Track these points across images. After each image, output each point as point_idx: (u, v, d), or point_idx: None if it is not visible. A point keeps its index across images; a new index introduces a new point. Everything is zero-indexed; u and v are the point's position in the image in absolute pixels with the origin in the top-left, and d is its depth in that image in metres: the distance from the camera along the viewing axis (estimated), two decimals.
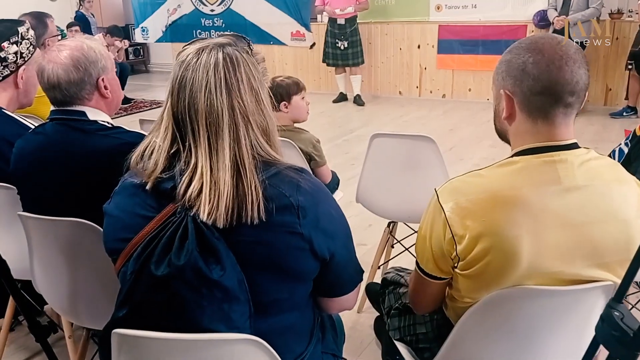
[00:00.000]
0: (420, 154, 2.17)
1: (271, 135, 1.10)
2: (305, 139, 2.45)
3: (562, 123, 1.14)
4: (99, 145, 1.47)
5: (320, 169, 2.51)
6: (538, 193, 1.10)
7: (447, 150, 4.96)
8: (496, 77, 1.21)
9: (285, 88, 2.38)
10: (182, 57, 1.07)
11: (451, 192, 1.16)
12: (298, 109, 2.45)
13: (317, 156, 2.46)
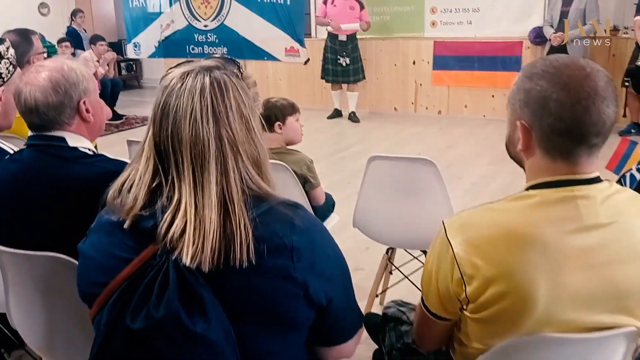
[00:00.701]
0: (420, 177, 2.08)
1: (263, 166, 1.00)
2: (299, 160, 2.37)
3: (585, 161, 1.05)
4: (79, 174, 1.37)
5: (314, 191, 2.42)
6: (557, 231, 1.00)
7: (445, 168, 4.83)
8: (512, 103, 1.10)
9: (280, 109, 2.32)
10: (166, 82, 0.97)
11: (461, 226, 1.06)
12: (292, 130, 2.39)
13: (311, 178, 2.37)
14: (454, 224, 1.07)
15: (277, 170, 2.13)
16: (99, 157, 1.43)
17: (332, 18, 6.60)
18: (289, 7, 7.54)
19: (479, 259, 1.01)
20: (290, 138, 2.40)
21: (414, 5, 6.95)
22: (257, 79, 7.70)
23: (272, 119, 2.29)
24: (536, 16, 6.32)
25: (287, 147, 2.44)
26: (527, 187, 1.09)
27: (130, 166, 0.99)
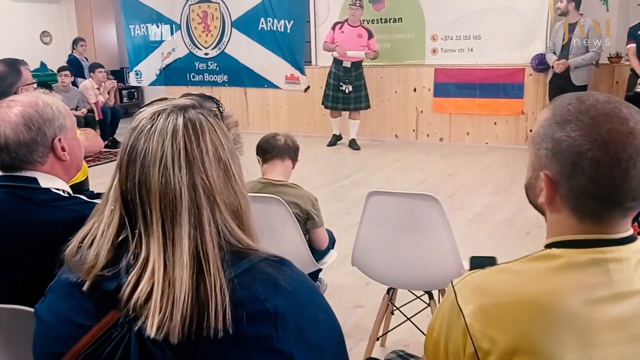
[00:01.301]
0: (422, 214, 1.96)
1: (244, 216, 0.89)
2: (304, 196, 2.32)
3: (618, 222, 0.91)
4: (50, 219, 1.26)
5: (317, 231, 2.35)
6: (585, 300, 0.86)
7: (447, 198, 4.76)
8: (536, 147, 0.94)
9: (297, 150, 2.45)
10: (134, 123, 0.87)
11: (474, 290, 0.92)
12: (292, 170, 2.49)
13: (315, 216, 2.31)
14: (465, 288, 0.94)
15: (272, 204, 2.02)
16: (74, 199, 1.32)
17: (339, 44, 6.54)
18: (289, 35, 7.55)
19: (496, 331, 0.87)
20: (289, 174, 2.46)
21: (415, 32, 6.92)
22: (257, 107, 7.74)
23: (296, 155, 2.42)
24: (538, 43, 6.27)
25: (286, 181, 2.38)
26: (549, 244, 0.95)
27: (92, 218, 0.88)
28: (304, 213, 2.28)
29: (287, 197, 2.24)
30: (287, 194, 2.25)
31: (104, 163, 6.48)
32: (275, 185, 2.29)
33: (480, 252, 3.52)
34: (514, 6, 6.32)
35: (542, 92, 6.36)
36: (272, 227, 2.10)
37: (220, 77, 8.33)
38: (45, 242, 1.23)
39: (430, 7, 6.74)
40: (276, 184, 2.30)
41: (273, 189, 2.27)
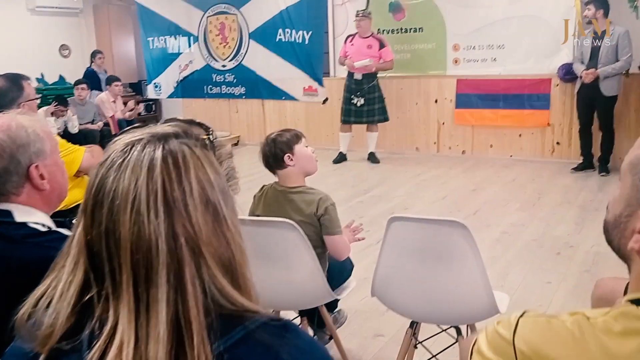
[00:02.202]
0: (450, 242, 1.77)
1: (238, 270, 0.72)
2: (313, 201, 2.13)
3: None
4: (26, 258, 1.10)
5: (331, 239, 2.14)
6: None
7: (471, 215, 4.54)
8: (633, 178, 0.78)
9: (284, 142, 2.15)
10: (103, 157, 0.71)
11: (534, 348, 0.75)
12: (305, 158, 2.19)
13: (327, 221, 2.11)
14: (523, 340, 0.76)
15: (283, 229, 1.86)
16: (54, 235, 1.16)
17: (350, 56, 6.41)
18: (307, 47, 7.42)
19: None
20: (306, 167, 2.20)
21: (436, 42, 6.74)
22: (275, 119, 7.54)
23: (279, 154, 2.13)
24: (565, 52, 6.04)
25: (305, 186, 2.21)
26: (633, 299, 0.76)
27: (50, 274, 0.72)
28: (310, 218, 2.11)
29: (296, 205, 2.12)
30: (297, 202, 2.13)
31: None
32: (289, 193, 2.17)
33: (508, 275, 3.31)
34: (539, 14, 6.10)
35: (570, 103, 6.11)
36: (284, 254, 1.94)
37: (238, 89, 8.23)
38: (21, 284, 1.08)
39: (452, 16, 6.56)
40: (290, 191, 2.16)
41: (286, 197, 2.15)
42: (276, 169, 2.20)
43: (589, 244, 3.80)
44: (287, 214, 2.14)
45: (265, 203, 2.23)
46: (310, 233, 2.12)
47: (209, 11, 8.13)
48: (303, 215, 2.13)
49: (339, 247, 2.16)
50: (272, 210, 2.18)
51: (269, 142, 2.17)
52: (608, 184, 5.33)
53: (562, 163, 6.14)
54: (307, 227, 2.12)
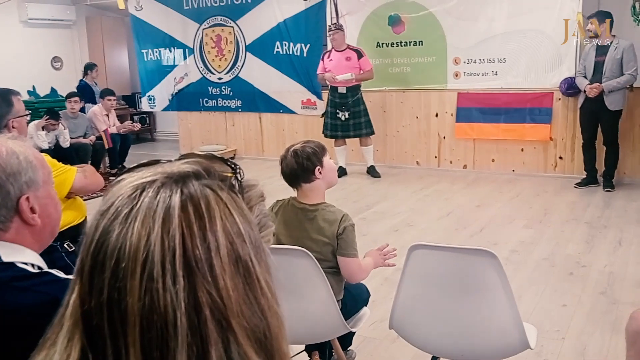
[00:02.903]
0: (477, 273, 1.64)
1: (274, 346, 0.57)
2: (335, 220, 2.02)
3: None
4: (13, 304, 0.95)
5: (344, 260, 2.02)
6: None
7: (477, 233, 4.41)
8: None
9: (314, 154, 2.04)
10: (104, 205, 0.56)
11: None
12: (331, 170, 2.13)
13: (342, 241, 2.00)
14: None
15: (297, 257, 1.71)
16: (44, 277, 1.01)
17: (330, 70, 6.29)
18: (305, 59, 7.32)
19: None
20: (331, 180, 2.13)
21: (436, 56, 6.65)
22: (273, 133, 7.42)
23: (310, 167, 2.02)
24: (567, 66, 5.96)
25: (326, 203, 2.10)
26: None
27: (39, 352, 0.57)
28: (331, 239, 2.00)
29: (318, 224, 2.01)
30: (318, 220, 2.02)
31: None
32: (310, 211, 2.05)
33: (522, 298, 3.17)
34: (540, 28, 6.03)
35: (572, 117, 6.03)
36: (297, 283, 1.79)
37: (234, 102, 8.11)
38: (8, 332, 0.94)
39: (452, 30, 6.48)
40: (310, 209, 2.05)
41: (307, 216, 2.05)
42: (302, 183, 2.07)
43: (602, 264, 3.67)
44: (307, 234, 2.02)
45: (283, 220, 2.09)
46: (325, 254, 2.00)
47: (205, 23, 8.02)
48: (325, 236, 2.02)
49: (352, 270, 2.04)
50: (291, 229, 2.06)
51: (299, 154, 2.04)
52: (614, 199, 5.23)
53: (566, 178, 6.04)
54: (327, 247, 2.01)
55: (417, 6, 6.58)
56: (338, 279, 2.02)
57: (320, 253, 1.97)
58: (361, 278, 2.07)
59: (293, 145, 2.12)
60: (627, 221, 4.56)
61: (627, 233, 4.26)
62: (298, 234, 2.03)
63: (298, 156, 2.04)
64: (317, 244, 2.00)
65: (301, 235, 2.02)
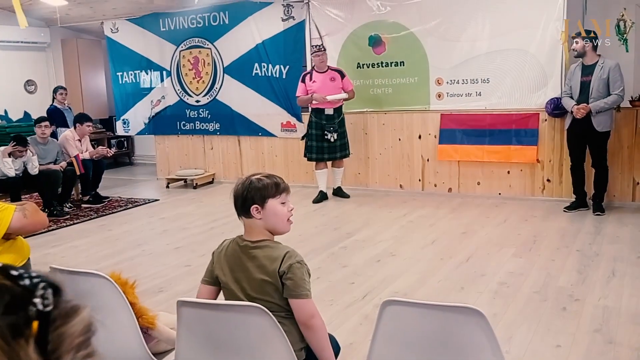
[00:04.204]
0: (461, 333, 1.39)
1: None
2: (277, 257, 1.77)
3: None
4: None
5: (295, 302, 1.76)
6: None
7: (464, 262, 4.18)
8: None
9: (258, 189, 1.82)
10: None
11: None
12: (274, 215, 1.84)
13: (289, 280, 1.74)
14: None
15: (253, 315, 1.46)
16: None
17: (316, 91, 6.11)
18: (284, 81, 7.13)
19: None
20: (272, 225, 1.85)
21: (418, 76, 6.48)
22: (252, 156, 7.21)
23: (247, 202, 1.81)
24: (552, 86, 5.81)
25: (271, 240, 1.86)
26: None
27: None
28: (273, 276, 1.75)
29: (259, 262, 1.79)
30: (259, 258, 1.79)
31: (83, 221, 5.93)
32: (251, 249, 1.82)
33: (513, 338, 2.93)
34: (524, 48, 5.89)
35: (559, 138, 5.86)
36: (252, 345, 1.53)
37: (212, 125, 7.87)
38: None
39: (434, 50, 6.32)
40: (253, 246, 1.83)
41: (248, 253, 1.82)
42: (241, 215, 1.87)
43: (596, 297, 3.45)
44: (248, 272, 1.80)
45: (227, 261, 1.87)
46: (274, 296, 1.75)
47: (182, 45, 7.81)
48: (266, 274, 1.78)
49: (306, 312, 1.76)
50: (233, 269, 1.84)
51: (244, 183, 1.85)
52: (604, 224, 5.03)
53: (554, 201, 5.86)
54: (269, 287, 1.77)
55: (398, 26, 6.44)
56: (293, 323, 1.76)
57: (264, 294, 1.74)
58: (317, 324, 1.78)
59: (257, 173, 1.90)
60: (620, 248, 4.36)
61: (620, 262, 4.05)
62: (240, 273, 1.81)
63: (244, 186, 1.85)
64: (259, 285, 1.76)
65: (243, 276, 1.80)
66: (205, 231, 5.36)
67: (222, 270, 1.87)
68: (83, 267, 4.30)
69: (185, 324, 1.61)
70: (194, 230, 5.40)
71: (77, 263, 4.50)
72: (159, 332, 1.87)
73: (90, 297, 1.84)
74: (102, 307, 1.82)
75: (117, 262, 4.50)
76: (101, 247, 4.97)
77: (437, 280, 3.84)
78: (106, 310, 1.82)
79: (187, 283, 3.93)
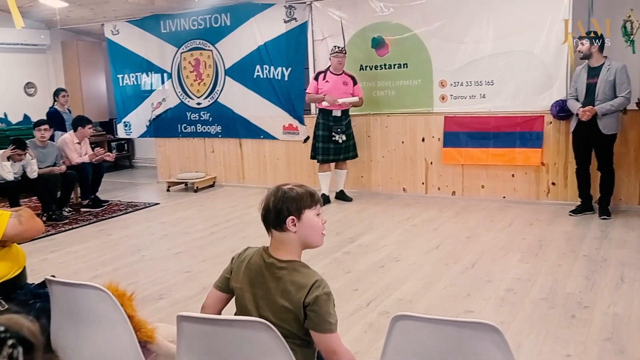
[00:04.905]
0: (476, 351, 1.32)
1: None
2: (304, 285, 1.65)
3: None
4: None
5: (319, 337, 1.64)
6: None
7: (469, 268, 4.11)
8: None
9: (293, 199, 1.71)
10: None
11: None
12: (310, 228, 1.74)
13: (313, 314, 1.63)
14: None
15: (260, 331, 1.39)
16: None
17: (327, 93, 6.08)
18: (287, 83, 7.06)
19: None
20: (308, 239, 1.75)
21: (422, 78, 6.41)
22: (253, 159, 7.21)
23: (283, 213, 1.70)
24: (557, 88, 5.74)
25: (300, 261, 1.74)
26: None
27: None
28: (296, 307, 1.64)
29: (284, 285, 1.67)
30: (285, 281, 1.67)
31: (82, 226, 5.86)
32: (278, 269, 1.70)
33: (521, 347, 2.86)
34: (529, 49, 5.82)
35: (564, 141, 5.79)
36: None
37: (214, 127, 7.81)
38: None
39: (438, 52, 6.26)
40: (278, 266, 1.71)
41: (273, 273, 1.70)
42: (273, 229, 1.74)
43: (605, 304, 3.37)
44: (269, 293, 1.68)
45: (246, 273, 1.76)
46: (292, 325, 1.65)
47: (183, 47, 7.75)
48: (290, 302, 1.65)
49: (330, 348, 1.64)
50: (252, 284, 1.73)
51: (277, 194, 1.73)
52: (611, 228, 4.96)
53: (559, 205, 5.78)
54: (288, 315, 1.66)
55: (402, 28, 6.37)
56: (306, 353, 1.68)
57: (282, 320, 1.64)
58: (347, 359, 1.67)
59: (286, 184, 1.79)
60: (628, 253, 4.28)
61: (628, 267, 3.97)
62: (259, 291, 1.71)
63: (276, 196, 1.73)
64: (279, 310, 1.66)
65: (262, 295, 1.70)
66: (206, 236, 5.29)
67: (240, 281, 1.76)
68: (81, 273, 4.26)
69: (185, 340, 1.54)
70: (194, 235, 5.33)
71: (76, 269, 4.43)
72: (158, 346, 1.80)
73: (87, 310, 1.77)
74: (99, 320, 1.75)
75: (116, 267, 4.43)
76: (100, 252, 4.90)
77: (442, 286, 3.76)
78: (103, 324, 1.74)
79: (187, 290, 3.86)
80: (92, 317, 1.76)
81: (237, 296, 1.78)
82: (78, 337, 1.82)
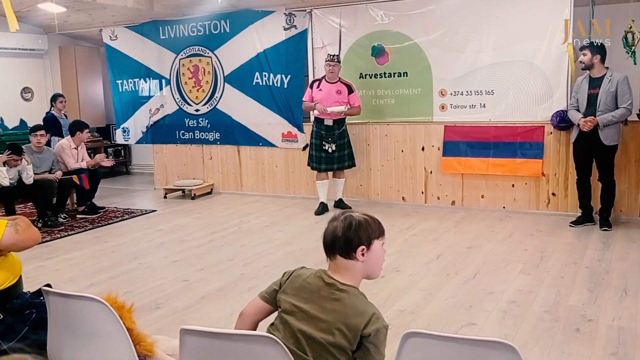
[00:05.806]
0: None
1: None
2: (364, 312, 1.63)
3: None
4: None
5: None
6: None
7: (471, 279, 4.06)
8: None
9: (366, 229, 1.70)
10: None
11: None
12: (377, 258, 1.75)
13: (373, 347, 1.60)
14: None
15: (264, 345, 1.34)
16: None
17: (318, 102, 6.05)
18: (286, 90, 7.03)
19: None
20: (371, 269, 1.75)
21: (422, 87, 6.39)
22: (252, 166, 7.18)
23: (354, 242, 1.68)
24: (558, 99, 5.73)
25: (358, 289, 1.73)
26: None
27: None
28: (352, 332, 1.60)
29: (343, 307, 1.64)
30: (345, 303, 1.64)
31: (78, 233, 5.79)
32: (338, 290, 1.67)
33: None
34: (529, 59, 5.81)
35: (565, 152, 5.77)
36: None
37: (212, 134, 7.76)
38: None
39: (438, 61, 6.24)
40: (340, 287, 1.68)
41: (332, 293, 1.67)
42: (338, 255, 1.71)
43: (609, 317, 3.33)
44: (324, 312, 1.65)
45: (302, 290, 1.72)
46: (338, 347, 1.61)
47: (182, 53, 7.72)
48: (345, 325, 1.61)
49: None
50: (306, 301, 1.69)
51: (350, 221, 1.71)
52: (612, 240, 4.93)
53: (559, 215, 5.75)
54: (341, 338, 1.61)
55: (402, 37, 6.36)
56: None
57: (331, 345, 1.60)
58: None
59: (353, 211, 1.78)
60: (630, 265, 4.25)
61: (631, 280, 3.93)
62: (311, 310, 1.67)
63: (348, 223, 1.70)
64: (330, 329, 1.61)
65: (316, 313, 1.66)
66: (203, 244, 5.22)
67: (290, 296, 1.73)
68: (77, 281, 4.19)
69: (188, 354, 1.49)
70: (192, 243, 5.27)
71: (71, 277, 4.36)
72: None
73: (85, 322, 1.71)
74: (97, 333, 1.69)
75: (113, 276, 4.36)
76: (96, 259, 4.83)
77: (444, 297, 3.72)
78: (102, 336, 1.69)
79: (185, 299, 3.79)
80: (90, 329, 1.70)
81: (284, 309, 1.74)
82: (75, 350, 1.77)
